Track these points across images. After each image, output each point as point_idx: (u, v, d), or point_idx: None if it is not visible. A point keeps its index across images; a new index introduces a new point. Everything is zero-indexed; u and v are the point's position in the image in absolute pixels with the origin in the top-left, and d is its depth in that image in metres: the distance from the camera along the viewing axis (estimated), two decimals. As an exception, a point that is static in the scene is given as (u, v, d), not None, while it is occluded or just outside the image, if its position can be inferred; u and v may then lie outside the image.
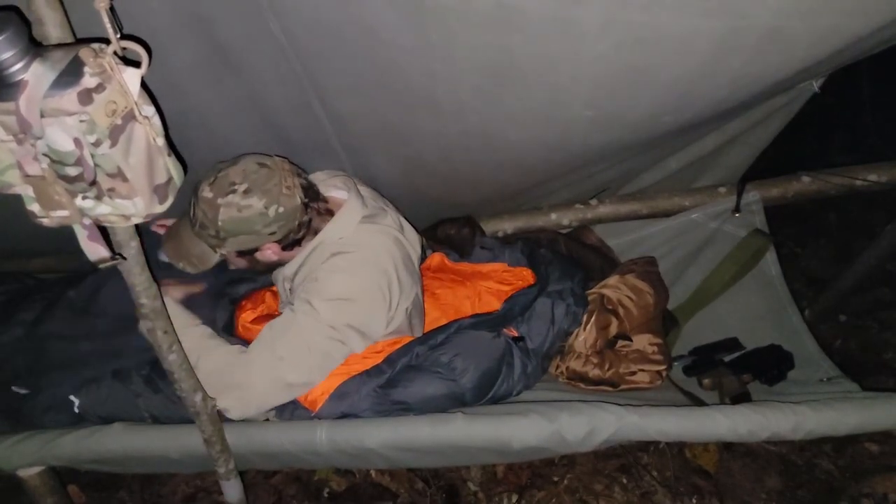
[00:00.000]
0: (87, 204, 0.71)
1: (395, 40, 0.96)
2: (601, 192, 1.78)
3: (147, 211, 0.74)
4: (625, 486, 1.67)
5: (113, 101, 0.65)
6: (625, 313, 1.52)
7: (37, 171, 0.67)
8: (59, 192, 0.68)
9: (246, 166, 1.16)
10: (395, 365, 1.27)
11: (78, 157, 0.65)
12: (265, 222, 1.15)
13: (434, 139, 1.27)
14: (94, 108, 0.63)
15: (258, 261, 1.26)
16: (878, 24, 0.82)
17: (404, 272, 1.29)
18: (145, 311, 0.93)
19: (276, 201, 1.15)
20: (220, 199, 1.13)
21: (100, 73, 0.64)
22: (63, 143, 0.64)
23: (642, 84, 0.98)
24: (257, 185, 1.14)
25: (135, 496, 1.72)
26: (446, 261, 1.64)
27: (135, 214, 0.74)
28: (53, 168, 0.66)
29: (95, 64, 0.64)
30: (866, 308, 2.26)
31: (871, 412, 1.12)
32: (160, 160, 0.74)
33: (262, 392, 1.18)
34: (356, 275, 1.21)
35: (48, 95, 0.61)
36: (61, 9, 0.67)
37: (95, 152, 0.66)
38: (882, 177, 1.57)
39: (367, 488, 1.69)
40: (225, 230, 1.15)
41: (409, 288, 1.30)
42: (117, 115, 0.66)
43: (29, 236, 1.78)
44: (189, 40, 1.03)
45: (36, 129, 0.62)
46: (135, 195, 0.71)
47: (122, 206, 0.72)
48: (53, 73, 0.61)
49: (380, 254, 1.25)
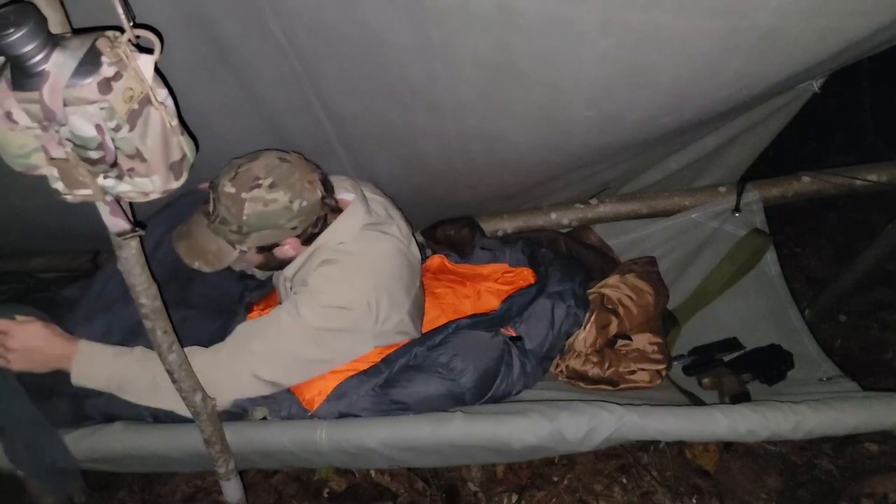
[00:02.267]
0: (109, 183, 0.75)
1: (396, 40, 0.96)
2: (601, 192, 1.78)
3: (164, 187, 0.78)
4: (625, 486, 1.67)
5: (130, 88, 0.68)
6: (625, 312, 1.52)
7: (61, 154, 0.70)
8: (83, 173, 0.72)
9: (268, 161, 1.15)
10: (394, 365, 1.27)
11: (100, 141, 0.69)
12: (289, 216, 1.15)
13: (434, 139, 1.27)
14: (113, 96, 0.66)
15: (274, 257, 1.24)
16: (878, 24, 0.82)
17: (399, 286, 1.26)
18: (145, 311, 0.93)
19: (300, 196, 1.15)
20: (244, 194, 1.12)
21: (117, 62, 0.67)
22: (85, 129, 0.67)
23: (642, 84, 0.98)
24: (282, 180, 1.13)
25: (135, 496, 1.72)
26: (446, 262, 1.64)
27: (153, 191, 0.77)
28: (76, 151, 0.70)
29: (112, 53, 0.66)
30: (866, 308, 2.26)
31: (871, 412, 1.12)
32: (174, 139, 0.77)
33: (224, 382, 1.16)
34: (346, 285, 1.19)
35: (69, 85, 0.64)
36: (61, 9, 0.68)
37: (115, 136, 0.69)
38: (882, 177, 1.57)
39: (367, 488, 1.69)
40: (249, 225, 1.14)
41: (402, 302, 1.27)
42: (134, 101, 0.69)
43: (29, 236, 1.78)
44: (189, 40, 1.03)
45: (60, 116, 0.65)
46: (152, 173, 0.75)
47: (142, 183, 0.76)
48: (73, 62, 0.64)
49: (375, 266, 1.23)
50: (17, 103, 0.65)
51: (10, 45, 0.61)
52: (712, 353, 1.60)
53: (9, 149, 0.70)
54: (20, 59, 0.62)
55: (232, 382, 1.18)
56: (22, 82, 0.64)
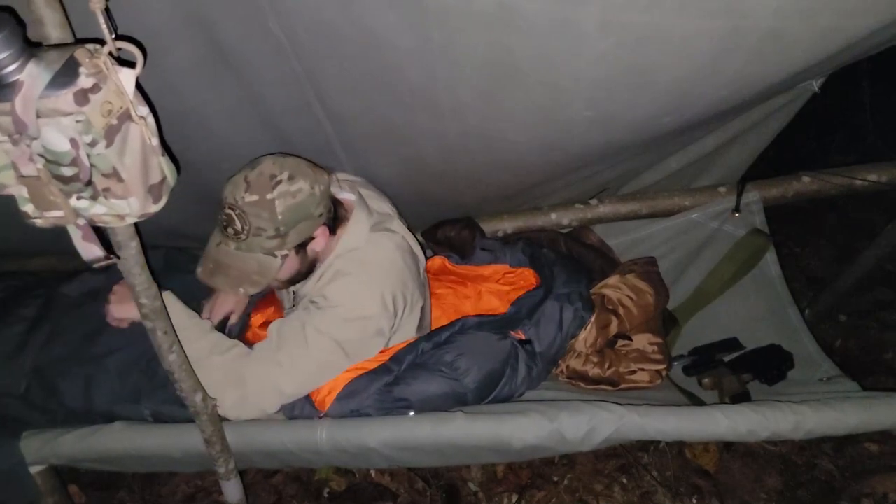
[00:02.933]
0: (82, 204, 0.71)
1: (396, 40, 0.96)
2: (601, 192, 1.78)
3: (142, 211, 0.74)
4: (625, 486, 1.67)
5: (108, 102, 0.65)
6: (625, 313, 1.52)
7: (32, 171, 0.66)
8: (54, 192, 0.68)
9: (274, 160, 1.15)
10: (402, 363, 1.28)
11: (74, 157, 0.65)
12: (315, 203, 1.15)
13: (434, 139, 1.27)
14: (90, 109, 0.63)
15: (307, 257, 1.22)
16: (878, 24, 0.82)
17: (412, 284, 1.29)
18: (145, 311, 0.93)
19: (316, 180, 1.15)
20: (269, 195, 1.10)
21: (95, 74, 0.64)
22: (59, 143, 0.64)
23: (642, 84, 0.98)
24: (297, 170, 1.13)
25: (135, 496, 1.72)
26: (447, 263, 1.64)
27: (129, 214, 0.74)
28: (49, 168, 0.66)
29: (91, 64, 0.64)
30: (866, 308, 2.26)
31: (871, 412, 1.12)
32: (154, 160, 0.74)
33: (257, 395, 1.19)
34: (364, 294, 1.20)
35: (44, 96, 0.61)
36: (61, 9, 0.67)
37: (91, 152, 0.66)
38: (882, 177, 1.57)
39: (367, 488, 1.69)
40: (286, 223, 1.12)
41: (417, 300, 1.30)
42: (113, 115, 0.66)
43: (29, 236, 1.78)
44: (189, 40, 1.03)
45: (32, 129, 0.62)
46: (130, 195, 0.71)
47: (118, 206, 0.72)
48: (49, 74, 0.61)
49: (388, 268, 1.24)
50: None
51: None
52: (712, 353, 1.60)
53: None
54: (-7, 68, 0.60)
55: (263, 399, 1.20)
56: None
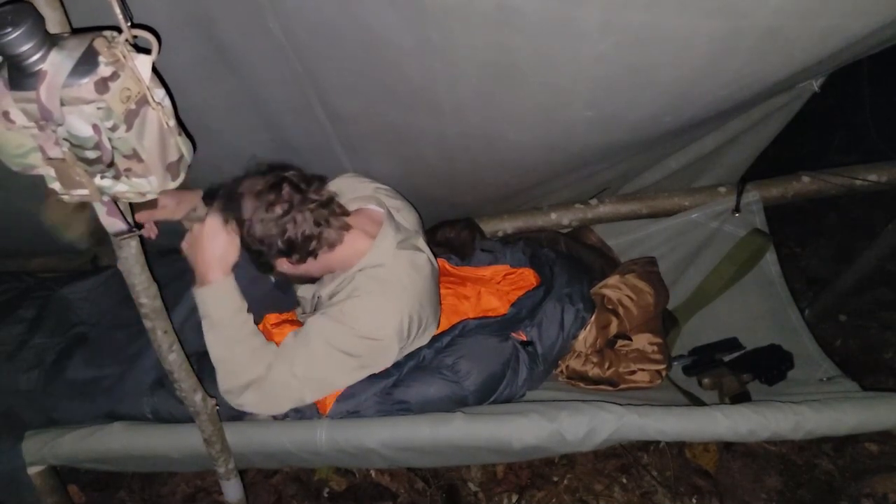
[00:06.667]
0: (106, 183, 0.75)
1: (396, 40, 0.96)
2: (601, 192, 1.78)
3: (161, 187, 0.78)
4: (625, 486, 1.67)
5: (127, 88, 0.68)
6: (625, 313, 1.52)
7: (58, 154, 0.70)
8: (80, 173, 0.73)
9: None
10: (403, 368, 1.27)
11: (96, 141, 0.69)
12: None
13: (434, 139, 1.27)
14: (110, 96, 0.66)
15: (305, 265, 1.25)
16: (878, 24, 0.82)
17: (429, 307, 1.27)
18: (145, 311, 0.93)
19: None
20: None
21: (114, 62, 0.67)
22: (82, 129, 0.68)
23: (642, 84, 0.98)
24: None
25: (135, 496, 1.72)
26: (448, 265, 1.64)
27: (150, 191, 0.78)
28: (73, 151, 0.70)
29: (109, 53, 0.66)
30: (866, 308, 2.26)
31: (871, 412, 1.12)
32: (171, 140, 0.77)
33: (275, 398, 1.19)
34: (382, 315, 1.19)
35: (66, 84, 0.64)
36: (61, 9, 0.68)
37: (112, 136, 0.70)
38: (882, 177, 1.57)
39: (367, 488, 1.69)
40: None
41: (430, 322, 1.28)
42: (131, 101, 0.69)
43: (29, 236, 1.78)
44: (189, 40, 1.03)
45: (57, 116, 0.66)
46: (150, 174, 0.75)
47: (139, 184, 0.76)
48: (70, 62, 0.64)
49: (409, 290, 1.22)
50: (14, 103, 0.65)
51: (7, 45, 0.61)
52: (712, 353, 1.60)
53: (6, 148, 0.70)
54: (17, 58, 0.62)
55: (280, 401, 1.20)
56: (19, 82, 0.64)
